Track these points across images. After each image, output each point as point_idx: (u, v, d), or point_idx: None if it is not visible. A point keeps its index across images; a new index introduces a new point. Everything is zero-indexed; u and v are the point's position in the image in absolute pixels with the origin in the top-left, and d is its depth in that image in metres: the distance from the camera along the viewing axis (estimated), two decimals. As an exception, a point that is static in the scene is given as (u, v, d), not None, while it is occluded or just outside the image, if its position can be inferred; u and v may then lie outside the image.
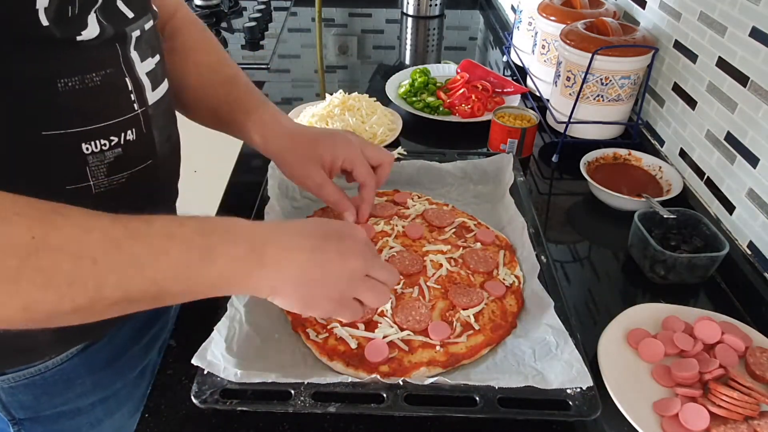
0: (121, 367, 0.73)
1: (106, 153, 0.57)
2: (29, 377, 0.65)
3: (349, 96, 1.18)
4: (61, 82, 0.52)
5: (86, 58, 0.53)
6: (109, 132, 0.57)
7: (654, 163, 1.01)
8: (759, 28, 0.80)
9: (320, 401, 0.56)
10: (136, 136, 0.60)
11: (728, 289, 0.82)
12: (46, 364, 0.65)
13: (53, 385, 0.68)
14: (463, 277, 0.74)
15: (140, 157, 0.62)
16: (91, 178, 0.57)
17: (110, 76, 0.56)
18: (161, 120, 0.64)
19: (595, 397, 0.57)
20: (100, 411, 0.74)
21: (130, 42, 0.58)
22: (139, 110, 0.60)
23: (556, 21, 1.20)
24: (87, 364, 0.69)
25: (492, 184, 0.92)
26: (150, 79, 0.61)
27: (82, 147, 0.55)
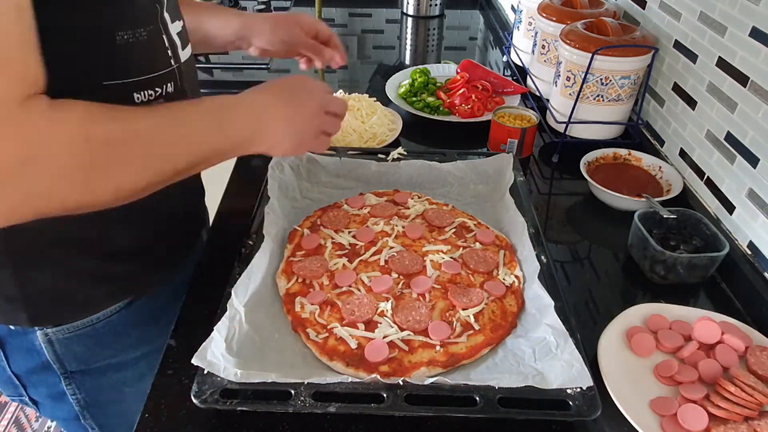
0: (163, 324, 0.75)
1: (152, 102, 0.63)
2: (82, 328, 0.70)
3: (349, 96, 1.18)
4: (118, 35, 0.57)
5: (136, 13, 0.59)
6: (154, 83, 0.63)
7: (654, 163, 1.01)
8: (759, 28, 0.80)
9: (320, 401, 0.56)
10: (173, 89, 0.66)
11: (728, 289, 0.82)
12: (98, 316, 0.71)
13: (103, 336, 0.73)
14: (463, 277, 0.74)
15: None
16: None
17: (153, 33, 0.61)
18: (190, 78, 0.71)
19: (595, 397, 0.57)
20: (144, 365, 0.78)
21: (164, 3, 0.64)
22: (174, 66, 0.66)
23: (556, 21, 1.20)
24: (133, 318, 0.74)
25: (492, 184, 0.92)
26: (180, 39, 0.68)
27: (134, 96, 0.61)
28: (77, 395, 0.77)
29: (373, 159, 0.94)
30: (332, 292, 0.71)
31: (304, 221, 0.84)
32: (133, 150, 0.51)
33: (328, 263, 0.75)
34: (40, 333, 0.69)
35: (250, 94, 0.65)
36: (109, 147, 0.49)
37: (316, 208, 0.87)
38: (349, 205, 0.87)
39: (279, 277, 0.74)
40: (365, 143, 1.09)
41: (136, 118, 0.52)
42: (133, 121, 0.51)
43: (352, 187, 0.93)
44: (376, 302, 0.69)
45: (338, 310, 0.69)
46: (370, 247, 0.78)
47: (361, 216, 0.84)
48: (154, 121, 0.53)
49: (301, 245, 0.78)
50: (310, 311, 0.68)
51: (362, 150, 0.99)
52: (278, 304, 0.71)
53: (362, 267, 0.75)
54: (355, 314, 0.67)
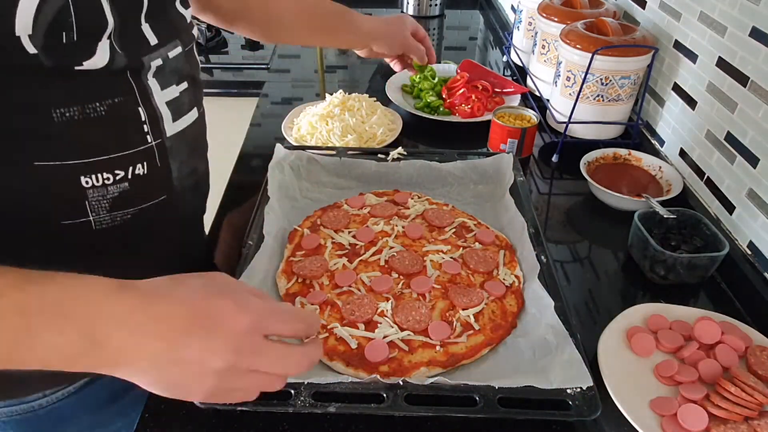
0: (123, 406, 0.69)
1: (110, 187, 0.53)
2: (21, 413, 0.62)
3: (349, 96, 1.18)
4: (56, 112, 0.48)
5: (88, 88, 0.49)
6: (113, 165, 0.53)
7: (654, 163, 1.01)
8: (759, 28, 0.80)
9: (320, 401, 0.56)
10: (147, 171, 0.55)
11: (728, 289, 0.82)
12: (40, 402, 0.62)
13: (46, 422, 0.64)
14: (463, 277, 0.74)
15: (151, 193, 0.58)
16: (90, 214, 0.53)
17: (118, 106, 0.51)
18: (183, 152, 0.60)
19: (595, 397, 0.57)
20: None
21: (148, 72, 0.53)
22: (153, 142, 0.55)
23: (556, 21, 1.20)
24: (84, 404, 0.65)
25: (492, 184, 0.92)
26: (171, 108, 0.57)
27: (81, 180, 0.51)
28: None
29: (373, 159, 0.94)
30: (332, 292, 0.71)
31: (304, 221, 0.84)
32: None
33: (328, 263, 0.75)
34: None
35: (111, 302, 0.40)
36: None
37: (316, 208, 0.87)
38: (349, 205, 0.87)
39: (279, 277, 0.74)
40: (365, 143, 1.09)
41: None
42: None
43: (352, 187, 0.93)
44: (376, 302, 0.69)
45: (338, 310, 0.69)
46: (370, 247, 0.78)
47: (361, 216, 0.84)
48: None
49: (301, 245, 0.78)
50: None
51: (362, 150, 0.99)
52: (278, 304, 0.71)
53: (362, 267, 0.75)
54: (355, 314, 0.67)
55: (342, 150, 0.95)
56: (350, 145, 1.07)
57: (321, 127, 1.11)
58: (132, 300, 0.41)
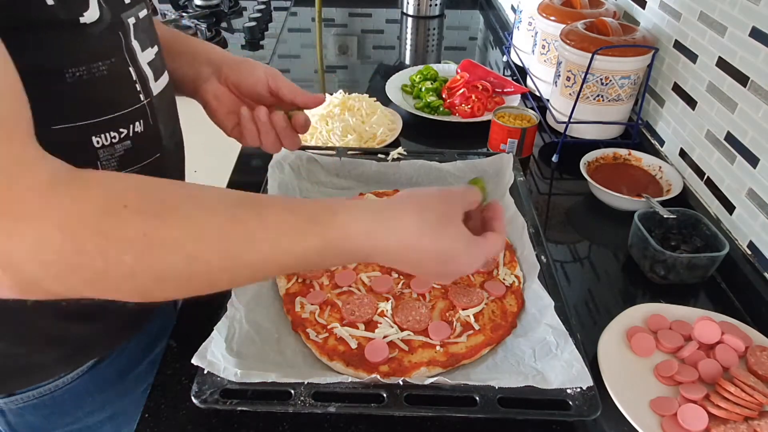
0: (129, 383, 0.72)
1: (116, 146, 0.56)
2: (38, 397, 0.64)
3: (349, 96, 1.18)
4: (69, 72, 0.50)
5: (91, 46, 0.52)
6: (118, 124, 0.56)
7: (654, 163, 1.01)
8: (759, 28, 0.80)
9: (320, 401, 0.56)
10: (143, 128, 0.59)
11: (728, 289, 0.82)
12: (56, 383, 0.64)
13: (63, 404, 0.66)
14: (463, 277, 0.74)
15: (149, 150, 0.61)
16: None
17: (115, 66, 0.54)
18: (165, 113, 0.63)
19: (595, 397, 0.57)
20: (109, 428, 0.73)
21: (129, 30, 0.56)
22: (144, 101, 0.59)
23: (556, 21, 1.20)
24: (96, 382, 0.68)
25: (492, 184, 0.92)
26: (152, 69, 0.60)
27: (93, 140, 0.54)
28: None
29: (373, 159, 0.94)
30: (332, 292, 0.71)
31: (304, 221, 0.83)
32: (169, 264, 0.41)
33: (328, 263, 0.75)
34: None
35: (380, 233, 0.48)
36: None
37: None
38: (349, 205, 0.86)
39: (279, 277, 0.74)
40: (365, 143, 1.09)
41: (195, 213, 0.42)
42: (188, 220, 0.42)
43: (352, 187, 0.92)
44: (376, 302, 0.69)
45: (338, 310, 0.69)
46: (370, 247, 0.78)
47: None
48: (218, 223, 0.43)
49: (301, 245, 0.78)
50: (310, 311, 0.68)
51: (362, 150, 0.99)
52: (278, 304, 0.71)
53: (362, 267, 0.75)
54: (355, 314, 0.67)
55: (342, 150, 0.95)
56: (350, 145, 1.07)
57: (321, 127, 1.11)
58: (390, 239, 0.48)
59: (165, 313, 0.78)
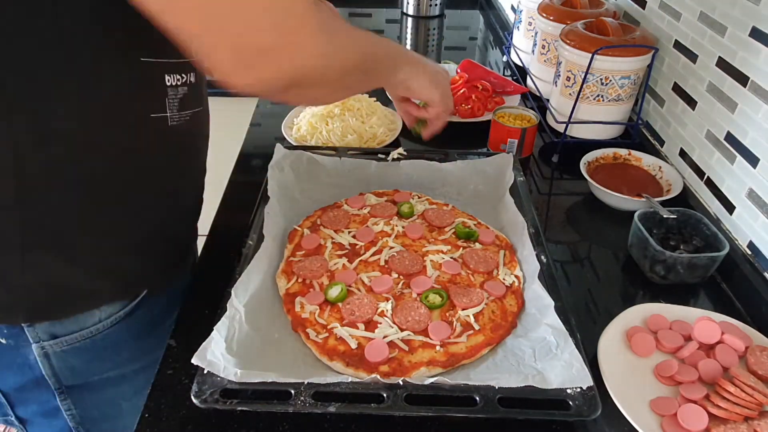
0: (159, 335, 0.74)
1: (179, 88, 0.62)
2: (81, 340, 0.68)
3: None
4: None
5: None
6: (182, 68, 0.62)
7: (654, 163, 1.01)
8: (759, 28, 0.80)
9: (320, 401, 0.56)
10: (195, 79, 0.65)
11: (728, 289, 0.82)
12: (97, 327, 0.68)
13: (103, 349, 0.70)
14: (463, 277, 0.74)
15: (197, 101, 0.67)
16: (168, 110, 0.62)
17: None
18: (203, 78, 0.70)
19: (595, 397, 0.57)
20: (143, 378, 0.74)
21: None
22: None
23: (556, 21, 1.20)
24: (132, 329, 0.72)
25: (492, 184, 0.92)
26: None
27: (165, 78, 0.60)
28: (72, 411, 0.74)
29: (373, 159, 0.94)
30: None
31: (304, 221, 0.84)
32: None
33: (328, 263, 0.75)
34: (36, 347, 0.66)
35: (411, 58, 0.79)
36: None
37: (316, 208, 0.87)
38: (349, 205, 0.87)
39: (279, 277, 0.74)
40: (365, 143, 1.09)
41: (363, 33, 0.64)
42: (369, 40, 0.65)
43: (352, 187, 0.92)
44: (376, 302, 0.69)
45: (338, 310, 0.69)
46: (370, 247, 0.78)
47: (361, 216, 0.84)
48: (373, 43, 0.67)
49: (301, 245, 0.78)
50: (310, 311, 0.68)
51: (362, 150, 0.99)
52: (278, 304, 0.71)
53: (362, 267, 0.75)
54: (355, 314, 0.67)
55: (342, 150, 0.95)
56: (350, 145, 1.07)
57: (321, 127, 1.11)
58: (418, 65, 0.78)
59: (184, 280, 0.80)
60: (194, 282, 0.78)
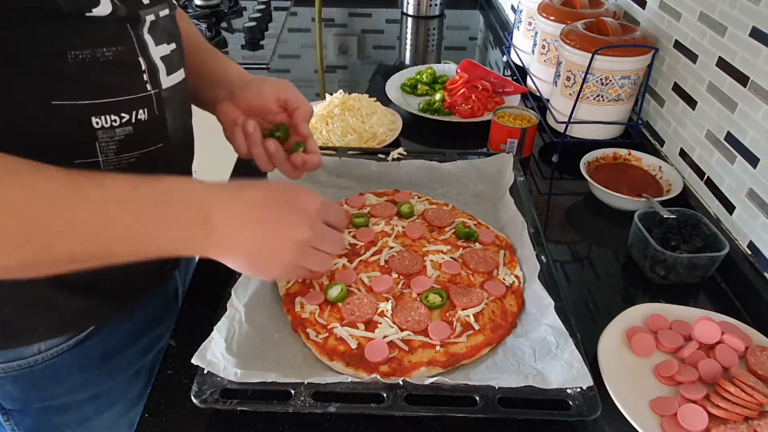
0: (114, 367, 0.72)
1: (117, 129, 0.58)
2: (18, 369, 0.65)
3: (349, 96, 1.18)
4: (71, 54, 0.52)
5: (97, 34, 0.54)
6: (120, 108, 0.58)
7: (654, 163, 1.01)
8: (759, 28, 0.80)
9: (320, 401, 0.56)
10: (147, 116, 0.60)
11: (728, 289, 0.82)
12: (36, 358, 0.65)
13: (42, 378, 0.67)
14: (463, 277, 0.74)
15: (152, 139, 0.63)
16: (100, 155, 0.58)
17: (122, 53, 0.56)
18: (176, 106, 0.65)
19: (595, 397, 0.57)
20: (90, 408, 0.74)
21: (143, 25, 0.59)
22: (152, 91, 0.61)
23: (556, 21, 1.20)
24: (78, 361, 0.69)
25: (492, 184, 0.92)
26: (165, 63, 0.62)
27: (92, 121, 0.56)
28: (16, 431, 0.72)
29: (373, 159, 0.94)
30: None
31: (304, 221, 0.83)
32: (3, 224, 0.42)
33: (328, 263, 0.75)
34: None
35: (214, 192, 0.53)
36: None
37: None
38: (349, 205, 0.87)
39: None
40: (365, 143, 1.09)
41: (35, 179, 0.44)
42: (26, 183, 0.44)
43: (352, 187, 0.92)
44: (376, 302, 0.69)
45: (338, 310, 0.69)
46: (370, 247, 0.78)
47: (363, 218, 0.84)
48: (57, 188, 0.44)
49: (301, 245, 0.78)
50: (310, 311, 0.68)
51: (362, 150, 0.99)
52: (278, 304, 0.71)
53: (362, 267, 0.75)
54: (355, 314, 0.67)
55: (342, 150, 0.95)
56: (350, 145, 1.07)
57: (321, 127, 1.11)
58: (227, 190, 0.55)
59: (161, 303, 0.78)
60: (194, 282, 0.78)
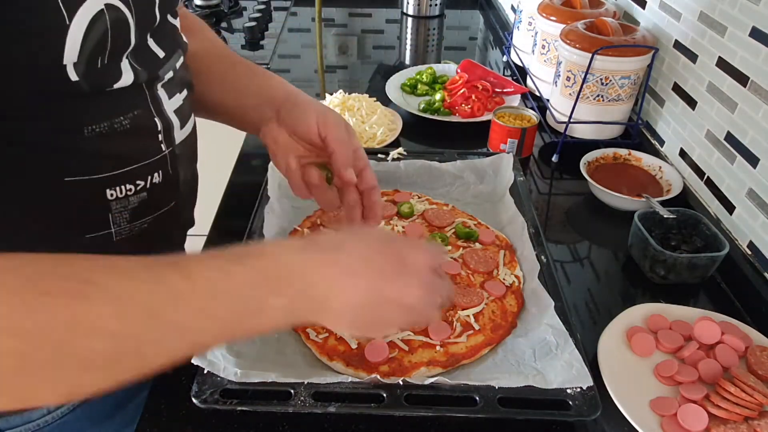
0: (125, 416, 0.70)
1: (131, 198, 0.55)
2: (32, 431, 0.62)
3: (349, 96, 1.18)
4: (87, 129, 0.49)
5: (116, 104, 0.51)
6: (136, 176, 0.54)
7: (654, 163, 1.01)
8: (759, 28, 0.80)
9: (320, 401, 0.56)
10: (162, 179, 0.57)
11: (728, 289, 0.82)
12: (45, 419, 0.62)
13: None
14: (463, 277, 0.74)
15: (164, 200, 0.60)
16: (113, 225, 0.55)
17: (139, 118, 0.53)
18: (186, 159, 0.62)
19: (595, 397, 0.57)
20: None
21: (158, 79, 0.55)
22: (166, 150, 0.57)
23: (556, 21, 1.20)
24: (89, 416, 0.66)
25: (492, 184, 0.92)
26: (178, 116, 0.59)
27: (107, 193, 0.53)
28: None
29: (373, 159, 0.93)
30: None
31: (304, 221, 0.83)
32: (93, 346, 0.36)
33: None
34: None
35: (312, 262, 0.46)
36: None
37: (316, 208, 0.87)
38: (349, 205, 0.86)
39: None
40: (365, 143, 1.09)
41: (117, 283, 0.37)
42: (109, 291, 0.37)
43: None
44: (376, 302, 0.69)
45: (338, 310, 0.68)
46: (370, 247, 0.78)
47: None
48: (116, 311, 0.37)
49: (301, 245, 0.78)
50: (310, 311, 0.68)
51: (362, 150, 0.98)
52: (278, 304, 0.70)
53: (362, 267, 0.75)
54: (355, 314, 0.67)
55: (342, 150, 0.95)
56: (350, 145, 1.07)
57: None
58: (323, 254, 0.46)
59: None
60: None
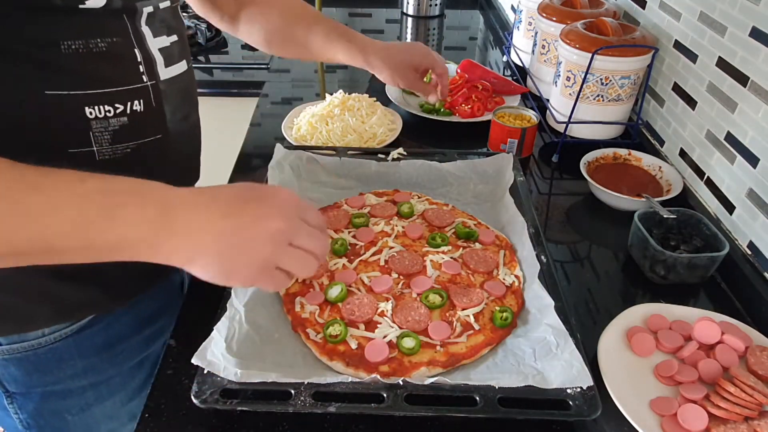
0: (116, 356, 0.73)
1: (111, 120, 0.58)
2: (22, 351, 0.67)
3: (349, 96, 1.18)
4: (64, 44, 0.53)
5: (90, 25, 0.55)
6: (114, 99, 0.58)
7: (654, 163, 1.01)
8: (759, 28, 0.80)
9: (320, 401, 0.56)
10: (143, 108, 0.61)
11: (728, 289, 0.82)
12: (39, 341, 0.66)
13: (45, 362, 0.68)
14: (463, 277, 0.74)
15: (149, 130, 0.63)
16: (94, 144, 0.58)
17: (117, 45, 0.57)
18: (175, 98, 0.66)
19: (595, 396, 0.57)
20: (91, 395, 0.75)
21: (140, 16, 0.59)
22: (148, 82, 0.61)
23: (556, 21, 1.20)
24: (79, 347, 0.70)
25: (492, 184, 0.92)
26: (163, 55, 0.62)
27: (86, 111, 0.57)
28: (19, 415, 0.73)
29: (373, 159, 0.94)
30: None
31: (304, 221, 0.83)
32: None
33: (328, 263, 0.75)
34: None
35: (175, 189, 0.48)
36: None
37: (316, 208, 0.87)
38: (349, 205, 0.87)
39: (279, 277, 0.74)
40: (365, 143, 1.09)
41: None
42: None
43: (352, 187, 0.92)
44: (376, 302, 0.69)
45: (338, 310, 0.69)
46: (370, 247, 0.78)
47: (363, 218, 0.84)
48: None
49: (301, 245, 0.78)
50: (310, 311, 0.68)
51: (362, 150, 0.99)
52: (278, 304, 0.71)
53: (362, 267, 0.75)
54: (355, 314, 0.67)
55: (342, 150, 0.95)
56: (350, 145, 1.07)
57: (321, 127, 1.11)
58: (185, 189, 0.49)
59: (166, 294, 0.78)
60: (194, 282, 0.78)
